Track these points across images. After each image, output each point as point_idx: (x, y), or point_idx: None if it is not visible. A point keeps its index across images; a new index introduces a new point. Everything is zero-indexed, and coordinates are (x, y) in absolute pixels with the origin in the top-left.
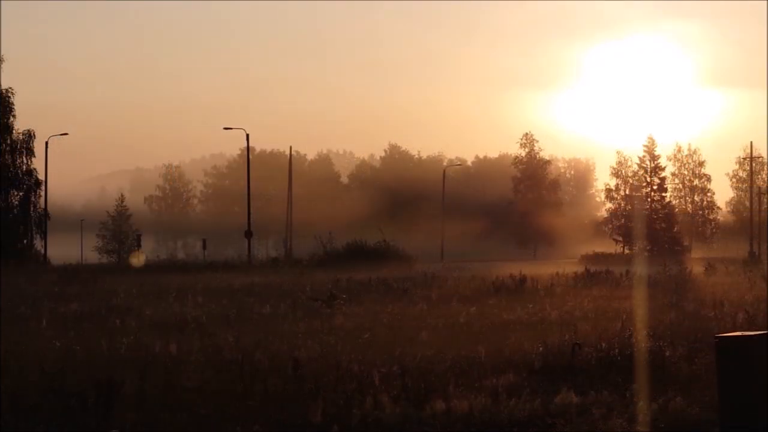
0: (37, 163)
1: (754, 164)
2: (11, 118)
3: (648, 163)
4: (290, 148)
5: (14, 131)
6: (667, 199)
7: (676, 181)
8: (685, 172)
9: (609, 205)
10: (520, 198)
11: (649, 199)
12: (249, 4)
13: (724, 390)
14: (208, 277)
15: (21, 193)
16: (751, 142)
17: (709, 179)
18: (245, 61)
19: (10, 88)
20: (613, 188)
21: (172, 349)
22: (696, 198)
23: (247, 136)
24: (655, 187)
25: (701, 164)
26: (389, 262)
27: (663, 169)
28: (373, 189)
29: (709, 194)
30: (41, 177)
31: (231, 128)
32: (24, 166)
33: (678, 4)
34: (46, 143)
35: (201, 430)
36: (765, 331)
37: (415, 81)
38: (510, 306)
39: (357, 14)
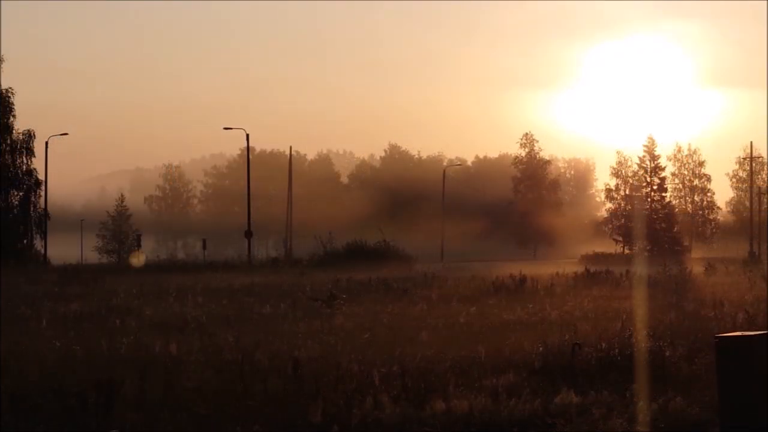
0: (37, 163)
1: (754, 164)
2: (11, 118)
3: (648, 163)
4: (290, 148)
5: (14, 131)
6: (667, 199)
7: (676, 181)
8: (685, 172)
9: (609, 205)
10: (520, 198)
11: (649, 199)
12: (249, 4)
13: (724, 390)
14: (208, 277)
15: (21, 193)
16: (751, 142)
17: (709, 179)
18: (245, 61)
19: (10, 88)
20: (613, 188)
21: (172, 349)
22: (696, 198)
23: (247, 136)
24: (655, 187)
25: (701, 164)
26: (389, 262)
27: (663, 169)
28: (373, 189)
29: (709, 194)
30: (41, 177)
31: (231, 128)
32: (24, 166)
33: (678, 4)
34: (46, 143)
35: (201, 430)
36: (765, 331)
37: (415, 81)
38: (510, 306)
39: (357, 14)
